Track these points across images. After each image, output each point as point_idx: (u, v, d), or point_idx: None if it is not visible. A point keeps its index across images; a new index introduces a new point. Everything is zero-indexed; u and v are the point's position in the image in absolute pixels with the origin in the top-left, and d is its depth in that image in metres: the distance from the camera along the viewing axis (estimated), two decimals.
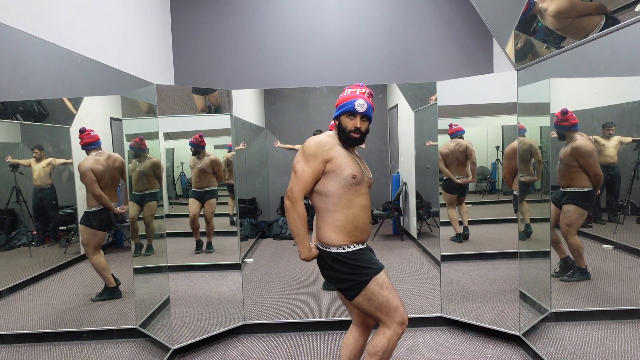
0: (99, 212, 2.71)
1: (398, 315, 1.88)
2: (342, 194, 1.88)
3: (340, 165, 1.88)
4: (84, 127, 2.57)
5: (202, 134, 3.19)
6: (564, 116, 2.83)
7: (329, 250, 1.91)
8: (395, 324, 1.88)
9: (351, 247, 1.90)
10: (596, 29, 2.01)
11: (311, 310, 3.25)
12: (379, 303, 1.87)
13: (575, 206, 2.94)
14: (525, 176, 2.89)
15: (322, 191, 1.90)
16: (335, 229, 1.89)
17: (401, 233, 5.08)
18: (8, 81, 1.86)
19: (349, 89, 1.99)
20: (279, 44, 4.25)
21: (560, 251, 3.05)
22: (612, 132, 2.72)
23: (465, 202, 3.43)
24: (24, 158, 2.38)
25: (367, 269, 1.88)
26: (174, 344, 2.73)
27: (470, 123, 3.19)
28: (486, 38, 4.20)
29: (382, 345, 1.88)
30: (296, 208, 1.88)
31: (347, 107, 1.93)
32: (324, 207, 1.91)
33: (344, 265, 1.88)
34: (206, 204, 3.31)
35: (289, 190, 1.90)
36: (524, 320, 2.76)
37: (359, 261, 1.89)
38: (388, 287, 1.89)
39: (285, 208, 1.91)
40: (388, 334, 1.89)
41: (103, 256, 2.77)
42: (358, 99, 1.92)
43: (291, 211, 1.88)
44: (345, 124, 1.94)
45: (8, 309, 2.43)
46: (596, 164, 2.84)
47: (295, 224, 1.89)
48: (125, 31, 3.21)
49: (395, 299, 1.89)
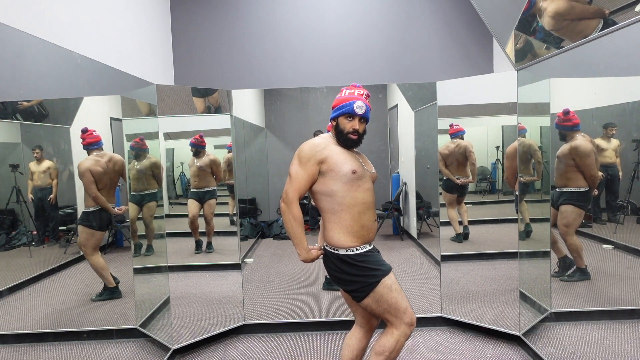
0: (98, 212, 2.71)
1: (407, 316, 1.89)
2: (345, 191, 1.87)
3: (337, 163, 1.88)
4: (86, 127, 2.57)
5: (202, 134, 3.19)
6: (565, 116, 2.83)
7: (337, 252, 1.90)
8: (404, 325, 1.89)
9: (360, 249, 1.90)
10: (594, 31, 2.01)
11: (311, 310, 3.25)
12: (388, 305, 1.87)
13: (572, 206, 2.94)
14: (525, 176, 2.89)
15: (326, 191, 1.90)
16: (342, 229, 1.89)
17: (401, 233, 5.08)
18: (8, 81, 1.86)
19: (346, 89, 1.97)
20: (279, 44, 4.25)
21: (558, 251, 3.05)
22: (614, 132, 2.73)
23: (464, 202, 3.43)
24: (24, 158, 2.38)
25: (376, 271, 1.88)
26: (174, 344, 2.73)
27: (470, 123, 3.19)
28: (486, 38, 4.20)
29: (389, 345, 1.89)
30: (291, 210, 1.88)
31: (346, 108, 1.92)
32: (330, 208, 1.91)
33: (352, 267, 1.88)
34: (205, 205, 3.31)
35: (283, 193, 1.91)
36: (524, 320, 2.76)
37: (368, 263, 1.88)
38: (397, 288, 1.89)
39: (281, 211, 1.92)
40: (396, 334, 1.89)
41: (101, 256, 2.77)
42: (357, 101, 1.91)
43: (286, 213, 1.89)
44: (344, 125, 1.93)
45: (8, 309, 2.43)
46: (592, 165, 2.84)
47: (292, 225, 1.89)
48: (125, 31, 3.21)
49: (403, 300, 1.90)
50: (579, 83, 2.91)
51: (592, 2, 2.10)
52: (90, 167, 2.63)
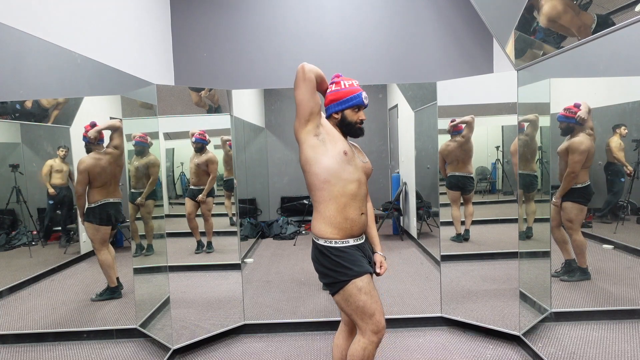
0: (98, 208, 2.71)
1: (372, 323, 1.84)
2: (334, 170, 1.84)
3: (332, 136, 1.89)
4: (94, 121, 2.59)
5: (204, 131, 3.17)
6: (577, 109, 2.82)
7: (317, 241, 1.90)
8: (370, 331, 1.84)
9: (339, 243, 1.86)
10: (590, 29, 2.01)
11: (311, 310, 3.25)
12: (356, 306, 1.83)
13: (572, 203, 2.95)
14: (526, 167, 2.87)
15: (318, 172, 1.85)
16: (325, 220, 1.86)
17: (401, 233, 5.08)
18: (8, 81, 1.86)
19: (343, 80, 1.98)
20: (279, 44, 4.25)
21: (566, 252, 3.04)
22: (624, 132, 2.70)
23: (472, 203, 3.38)
24: (24, 158, 2.38)
25: (348, 270, 1.84)
26: (174, 344, 2.73)
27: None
28: (486, 38, 4.20)
29: (357, 355, 1.86)
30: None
31: (355, 101, 1.94)
32: (319, 196, 1.88)
33: (327, 259, 1.86)
34: (202, 203, 3.31)
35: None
36: (524, 320, 2.76)
37: (342, 259, 1.84)
38: (367, 292, 1.83)
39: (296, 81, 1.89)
40: (362, 342, 1.86)
41: (110, 254, 2.77)
42: (362, 92, 1.96)
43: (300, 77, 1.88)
44: (351, 117, 1.94)
45: (8, 309, 2.43)
46: (576, 163, 2.83)
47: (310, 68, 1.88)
48: (125, 31, 3.21)
49: (373, 305, 1.84)
50: (579, 83, 2.91)
51: (588, 7, 2.10)
52: (88, 167, 2.62)
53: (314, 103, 1.87)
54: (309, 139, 1.88)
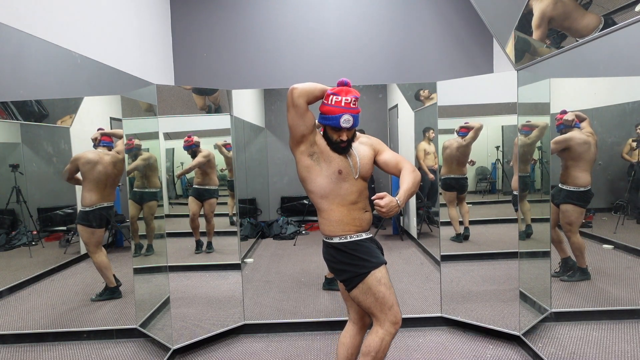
0: (92, 211, 2.71)
1: (392, 314, 1.88)
2: (330, 190, 1.89)
3: (327, 155, 1.89)
4: (102, 128, 2.68)
5: (190, 134, 3.13)
6: (561, 114, 2.88)
7: (331, 241, 1.93)
8: (389, 322, 1.88)
9: (353, 237, 1.91)
10: (594, 31, 2.01)
11: (311, 310, 3.25)
12: (375, 298, 1.86)
13: (572, 205, 2.95)
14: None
15: (314, 190, 1.92)
16: (332, 222, 1.92)
17: (401, 233, 5.08)
18: (8, 81, 1.86)
19: (333, 96, 1.84)
20: (279, 44, 4.25)
21: (562, 251, 3.06)
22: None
23: (466, 202, 3.43)
24: (24, 158, 2.38)
25: (366, 262, 1.88)
26: (174, 344, 2.73)
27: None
28: (486, 38, 4.20)
29: (375, 346, 1.88)
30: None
31: (331, 122, 1.84)
32: (320, 207, 1.95)
33: (344, 255, 1.90)
34: (206, 204, 3.32)
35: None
36: (524, 320, 2.76)
37: (359, 252, 1.89)
38: (386, 283, 1.88)
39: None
40: (381, 333, 1.88)
41: (105, 255, 2.77)
42: (344, 114, 1.82)
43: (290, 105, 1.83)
44: (331, 135, 1.90)
45: (8, 309, 2.43)
46: (552, 151, 2.90)
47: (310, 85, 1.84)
48: (125, 31, 3.21)
49: (391, 297, 1.89)
50: (579, 83, 2.91)
51: (588, 7, 2.10)
52: (85, 155, 2.62)
53: (304, 127, 1.85)
54: (303, 159, 1.91)
